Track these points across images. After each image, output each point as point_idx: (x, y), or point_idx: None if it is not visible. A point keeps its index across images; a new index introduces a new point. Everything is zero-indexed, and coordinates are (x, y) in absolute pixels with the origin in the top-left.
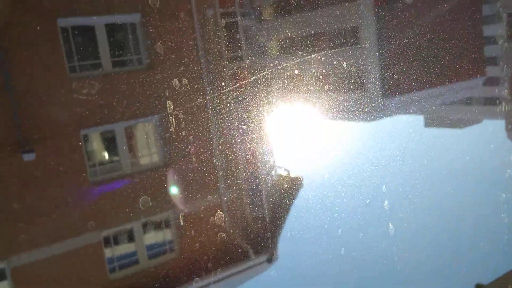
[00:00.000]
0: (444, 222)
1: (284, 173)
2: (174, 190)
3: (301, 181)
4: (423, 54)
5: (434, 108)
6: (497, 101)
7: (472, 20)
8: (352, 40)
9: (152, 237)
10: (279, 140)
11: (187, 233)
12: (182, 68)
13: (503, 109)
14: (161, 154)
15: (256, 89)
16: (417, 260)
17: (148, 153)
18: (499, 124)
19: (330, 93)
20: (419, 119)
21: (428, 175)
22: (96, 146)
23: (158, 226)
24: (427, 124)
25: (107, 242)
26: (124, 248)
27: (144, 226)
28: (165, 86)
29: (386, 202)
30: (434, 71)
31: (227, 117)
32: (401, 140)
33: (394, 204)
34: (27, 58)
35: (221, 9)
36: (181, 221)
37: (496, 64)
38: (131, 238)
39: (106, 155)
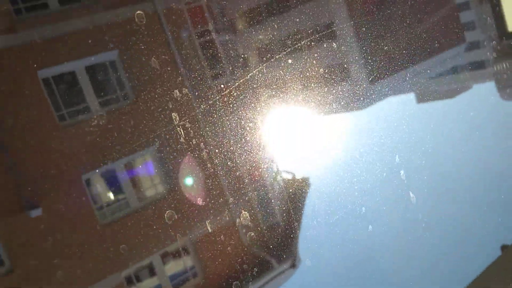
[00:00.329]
0: (460, 184)
1: (290, 176)
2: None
3: (308, 181)
4: (401, 32)
5: (423, 83)
6: (483, 64)
7: None
8: (329, 31)
9: (175, 264)
10: (276, 144)
11: (217, 239)
12: (168, 99)
13: (490, 70)
14: (167, 179)
15: (242, 97)
16: (442, 223)
17: (152, 184)
18: (489, 86)
19: (318, 89)
20: (411, 96)
21: (436, 143)
22: (100, 188)
23: (177, 254)
24: (419, 100)
25: (129, 282)
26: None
27: (164, 255)
28: (154, 119)
29: (402, 172)
30: (415, 48)
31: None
32: (398, 116)
33: (410, 173)
34: (14, 117)
35: (196, 29)
36: (209, 227)
37: (474, 28)
38: (152, 271)
39: (111, 195)
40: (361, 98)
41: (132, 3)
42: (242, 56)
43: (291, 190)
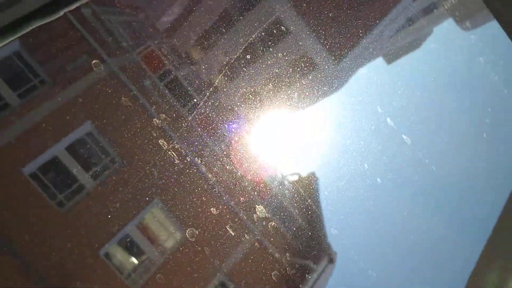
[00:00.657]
0: (444, 116)
1: (296, 177)
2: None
3: (314, 175)
4: (346, 7)
5: (385, 45)
6: (434, 5)
7: None
8: (280, 31)
9: None
10: (270, 149)
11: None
12: (150, 129)
13: (442, 10)
14: (180, 227)
15: (219, 107)
16: (443, 155)
17: (168, 233)
18: (448, 24)
19: (291, 86)
20: (379, 61)
21: (413, 89)
22: (121, 257)
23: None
24: (389, 61)
25: None
26: None
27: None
28: (145, 153)
29: (388, 120)
30: (364, 16)
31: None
32: (373, 82)
33: (396, 119)
34: (14, 219)
35: (155, 74)
36: (231, 231)
37: None
38: None
39: (134, 260)
40: (334, 80)
41: (88, 73)
42: (208, 78)
43: (305, 189)
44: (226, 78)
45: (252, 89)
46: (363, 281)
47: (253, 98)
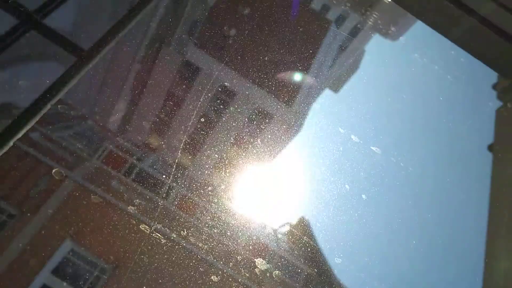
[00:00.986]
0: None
1: (288, 228)
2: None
3: (304, 219)
4: (280, 51)
5: (327, 77)
6: (357, 28)
7: None
8: (225, 93)
9: None
10: (252, 205)
11: None
12: (128, 217)
13: (367, 27)
14: None
15: (191, 177)
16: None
17: None
18: (376, 38)
19: (253, 142)
20: (327, 92)
21: (373, 101)
22: None
23: None
24: (336, 89)
25: None
26: None
27: None
28: (129, 243)
29: (373, 148)
30: (297, 57)
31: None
32: (332, 110)
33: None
34: None
35: (119, 172)
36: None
37: (329, 9)
38: None
39: None
40: (291, 121)
41: (53, 191)
42: (172, 158)
43: (298, 229)
44: (188, 152)
45: (216, 152)
46: None
47: (220, 162)
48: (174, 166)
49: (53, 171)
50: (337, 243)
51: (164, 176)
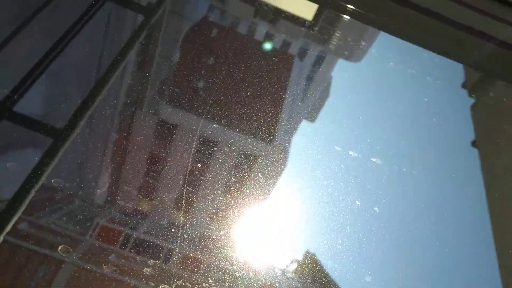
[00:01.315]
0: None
1: (295, 264)
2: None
3: (312, 254)
4: (248, 91)
5: (302, 110)
6: (321, 57)
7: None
8: (208, 145)
9: None
10: (259, 249)
11: None
12: (145, 280)
13: (329, 56)
14: None
15: (195, 231)
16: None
17: None
18: (343, 59)
19: (242, 187)
20: (306, 123)
21: (361, 116)
22: None
23: None
24: (313, 119)
25: None
26: None
27: None
28: None
29: (373, 159)
30: (266, 100)
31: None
32: (315, 139)
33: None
34: None
35: (116, 245)
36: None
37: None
38: None
39: None
40: (278, 157)
41: (53, 277)
42: (169, 220)
43: (309, 275)
44: (181, 209)
45: (210, 204)
46: None
47: (216, 213)
48: (170, 226)
49: (59, 248)
50: (363, 260)
51: (161, 239)
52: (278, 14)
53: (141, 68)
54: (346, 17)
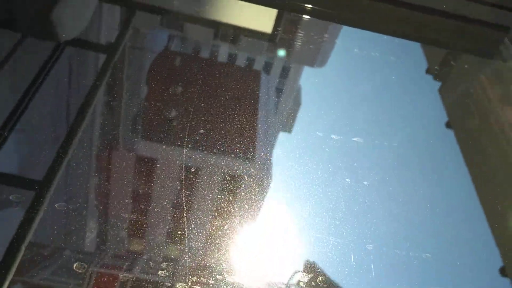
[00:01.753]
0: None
1: (305, 278)
2: None
3: (313, 264)
4: (222, 115)
5: (276, 123)
6: (286, 70)
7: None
8: (193, 173)
9: None
10: (264, 268)
11: None
12: None
13: (298, 53)
14: None
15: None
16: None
17: None
18: (309, 63)
19: (237, 207)
20: (283, 135)
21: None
22: None
23: None
24: (289, 130)
25: None
26: None
27: None
28: None
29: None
30: (240, 109)
31: None
32: (302, 145)
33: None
34: None
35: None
36: None
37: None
38: None
39: None
40: (264, 174)
41: None
42: (163, 256)
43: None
44: (174, 242)
45: (202, 233)
46: None
47: (210, 241)
48: (168, 260)
49: (74, 265)
50: (362, 231)
51: (160, 274)
52: (238, 33)
53: (111, 108)
54: (306, 16)
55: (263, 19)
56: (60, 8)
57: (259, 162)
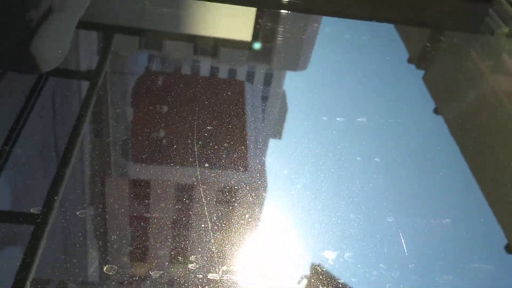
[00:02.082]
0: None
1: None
2: None
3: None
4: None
5: (267, 132)
6: (271, 76)
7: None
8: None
9: None
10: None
11: None
12: None
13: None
14: None
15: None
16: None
17: None
18: (290, 62)
19: (225, 220)
20: (274, 142)
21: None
22: None
23: None
24: (279, 137)
25: None
26: None
27: None
28: None
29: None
30: (229, 123)
31: None
32: (292, 151)
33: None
34: None
35: None
36: None
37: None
38: None
39: None
40: (257, 182)
41: None
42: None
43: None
44: (176, 262)
45: (206, 250)
46: None
47: (215, 257)
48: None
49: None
50: (380, 205)
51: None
52: (218, 45)
53: (99, 135)
54: (285, 11)
55: (242, 28)
56: (38, 39)
57: (249, 172)
